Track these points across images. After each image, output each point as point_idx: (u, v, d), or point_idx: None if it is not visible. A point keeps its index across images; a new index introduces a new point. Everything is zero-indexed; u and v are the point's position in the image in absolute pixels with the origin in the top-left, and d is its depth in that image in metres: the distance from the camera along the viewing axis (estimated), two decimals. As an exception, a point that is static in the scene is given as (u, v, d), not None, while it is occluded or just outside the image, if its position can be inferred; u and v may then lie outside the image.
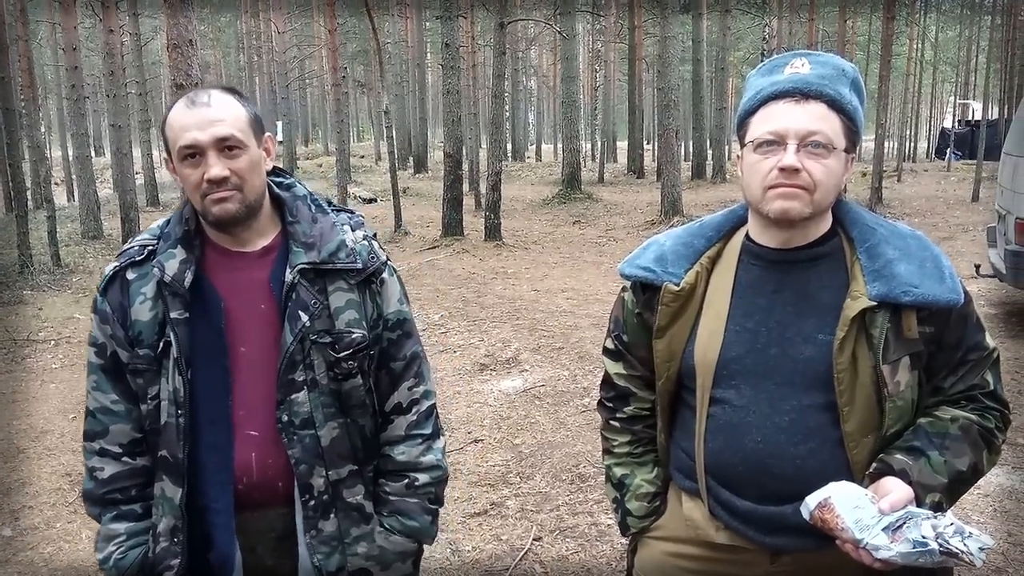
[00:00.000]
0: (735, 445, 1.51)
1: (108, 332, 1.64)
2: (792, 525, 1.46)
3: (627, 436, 1.75)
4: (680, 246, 1.62)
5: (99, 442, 1.68)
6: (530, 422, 5.14)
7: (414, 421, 1.77)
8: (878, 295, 1.42)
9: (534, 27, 34.04)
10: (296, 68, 34.80)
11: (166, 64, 8.92)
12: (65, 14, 13.50)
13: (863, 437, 1.46)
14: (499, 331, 7.41)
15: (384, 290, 1.72)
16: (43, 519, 4.06)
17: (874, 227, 1.52)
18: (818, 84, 1.45)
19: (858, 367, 1.43)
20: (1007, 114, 25.39)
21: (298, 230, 1.66)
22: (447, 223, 13.58)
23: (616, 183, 22.65)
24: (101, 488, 1.68)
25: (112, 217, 15.06)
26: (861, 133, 1.50)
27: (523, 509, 3.94)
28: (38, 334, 7.80)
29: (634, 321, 1.68)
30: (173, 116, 1.59)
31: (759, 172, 1.46)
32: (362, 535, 1.70)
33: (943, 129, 33.40)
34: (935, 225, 13.57)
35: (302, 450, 1.62)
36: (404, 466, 1.75)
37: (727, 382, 1.52)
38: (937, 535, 1.30)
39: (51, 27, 20.37)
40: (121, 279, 1.65)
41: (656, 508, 1.71)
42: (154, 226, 1.72)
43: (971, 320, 1.51)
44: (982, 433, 1.49)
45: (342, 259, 1.65)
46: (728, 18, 22.69)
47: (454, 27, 14.34)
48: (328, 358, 1.63)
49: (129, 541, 1.68)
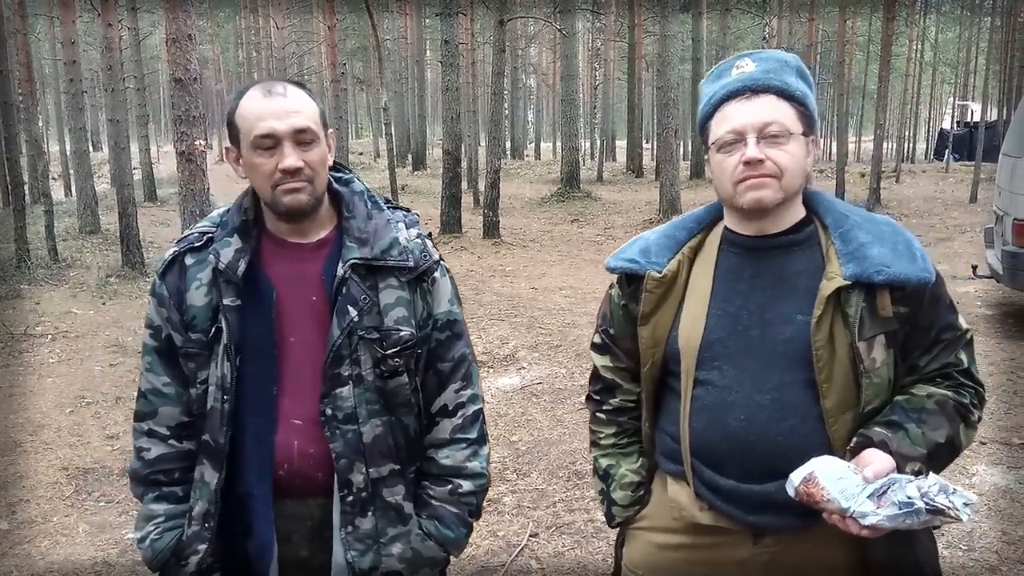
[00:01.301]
0: (718, 424, 1.56)
1: (164, 315, 1.66)
2: (775, 503, 1.50)
3: (613, 428, 1.80)
4: (663, 238, 1.70)
5: (148, 423, 1.69)
6: (527, 419, 5.15)
7: (459, 425, 1.75)
8: (852, 275, 1.48)
9: (534, 25, 34.02)
10: (295, 64, 34.74)
11: (164, 59, 8.91)
12: (64, 8, 13.47)
13: (842, 414, 1.51)
14: (497, 328, 7.42)
15: (435, 289, 1.73)
16: (40, 513, 4.05)
17: (847, 214, 1.59)
18: (764, 78, 1.54)
19: (835, 345, 1.49)
20: (1006, 115, 25.42)
21: (353, 225, 1.67)
22: (445, 220, 13.58)
23: (615, 182, 22.65)
24: (146, 468, 1.69)
25: (110, 212, 15.03)
26: (815, 115, 1.59)
27: (520, 505, 3.95)
28: (35, 328, 7.79)
29: (620, 314, 1.74)
30: (247, 105, 1.59)
31: (726, 170, 1.54)
32: (398, 535, 1.68)
33: (942, 130, 33.45)
34: (933, 226, 13.59)
35: (344, 444, 1.62)
36: (449, 471, 1.74)
37: (710, 364, 1.58)
38: (922, 495, 1.33)
39: (49, 21, 20.34)
40: (180, 264, 1.67)
41: (640, 497, 1.76)
42: (214, 213, 1.74)
43: (943, 301, 1.57)
44: (958, 408, 1.53)
45: (394, 256, 1.65)
46: (728, 17, 22.67)
47: (453, 24, 14.33)
48: (375, 354, 1.63)
49: (167, 523, 1.68)
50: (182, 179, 6.85)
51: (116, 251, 11.45)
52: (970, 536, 3.52)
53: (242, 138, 1.59)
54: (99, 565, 3.54)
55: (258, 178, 1.59)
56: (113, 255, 11.51)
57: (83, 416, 5.37)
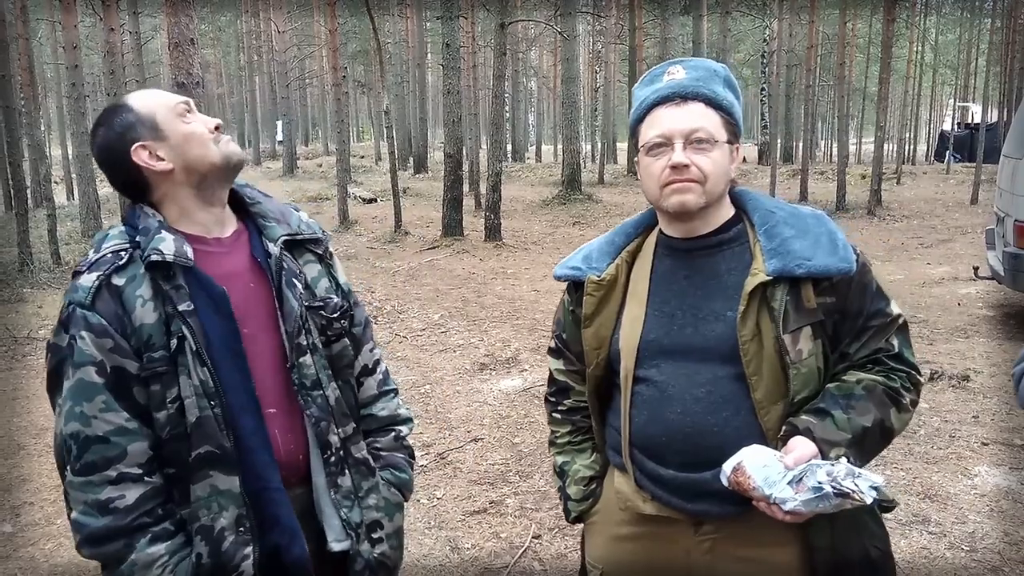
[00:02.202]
0: (658, 417, 1.62)
1: (109, 346, 1.52)
2: (712, 491, 1.56)
3: (568, 426, 1.90)
4: (604, 244, 1.78)
5: (115, 468, 1.53)
6: (529, 421, 5.16)
7: (381, 379, 1.91)
8: (774, 270, 1.54)
9: (535, 28, 34.07)
10: (296, 68, 34.82)
11: (166, 63, 8.93)
12: (65, 12, 13.50)
13: (772, 404, 1.56)
14: (499, 331, 7.43)
15: (334, 263, 1.85)
16: (44, 515, 4.07)
17: (773, 210, 1.65)
18: (694, 86, 1.60)
19: (762, 338, 1.55)
20: (1006, 117, 25.42)
21: (263, 209, 1.75)
22: (447, 223, 13.59)
23: (616, 184, 22.65)
24: (126, 517, 1.53)
25: (112, 216, 15.08)
26: (740, 124, 1.65)
27: (522, 507, 3.95)
28: (38, 332, 7.80)
29: (569, 319, 1.82)
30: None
31: (653, 173, 1.60)
32: (371, 487, 1.78)
33: (942, 131, 33.40)
34: (934, 227, 13.60)
35: (317, 408, 1.69)
36: (389, 420, 1.89)
37: (649, 362, 1.65)
38: (831, 479, 1.39)
39: (51, 25, 20.38)
40: (109, 287, 1.54)
41: (593, 491, 1.83)
42: (113, 234, 1.64)
43: (870, 289, 1.61)
44: (887, 392, 1.58)
45: (306, 232, 1.77)
46: (728, 20, 22.67)
47: (455, 27, 14.35)
48: (319, 322, 1.72)
49: (172, 559, 1.57)
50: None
51: (118, 255, 11.45)
52: (972, 537, 3.53)
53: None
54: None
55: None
56: (115, 259, 11.52)
57: (86, 419, 5.37)
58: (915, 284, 9.04)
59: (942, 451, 4.41)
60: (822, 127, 40.82)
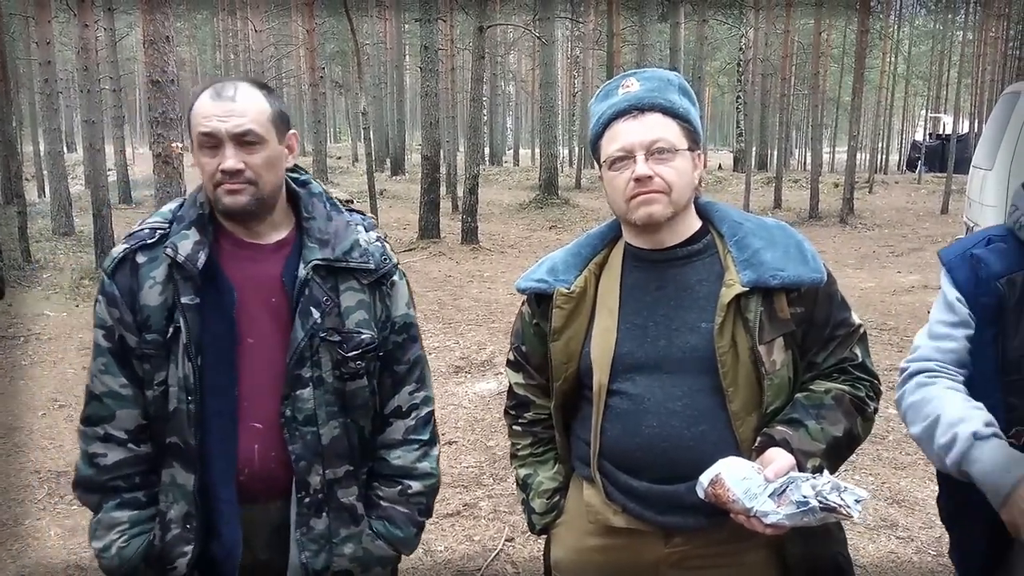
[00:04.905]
0: (632, 431, 1.61)
1: (116, 315, 1.61)
2: (685, 504, 1.56)
3: (529, 439, 1.86)
4: (569, 256, 1.75)
5: (104, 427, 1.63)
6: (503, 424, 5.14)
7: (412, 426, 1.79)
8: (749, 281, 1.55)
9: (513, 32, 34.11)
10: (273, 67, 34.57)
11: (141, 60, 8.85)
12: (39, 8, 13.31)
13: (748, 415, 1.57)
14: (474, 334, 7.43)
15: (394, 292, 1.75)
16: (11, 516, 4.01)
17: (741, 222, 1.66)
18: (649, 97, 1.59)
19: (738, 350, 1.56)
20: (977, 128, 25.84)
21: (313, 226, 1.68)
22: (424, 226, 13.57)
23: (593, 189, 22.72)
24: (103, 475, 1.63)
25: (84, 214, 14.86)
26: (699, 131, 1.66)
27: (496, 510, 3.96)
28: (7, 330, 7.68)
29: (531, 332, 1.79)
30: (198, 105, 1.60)
31: (618, 187, 1.59)
32: (350, 536, 1.70)
33: (914, 142, 33.89)
34: (905, 236, 13.78)
35: (303, 447, 1.63)
36: (399, 471, 1.77)
37: (623, 375, 1.63)
38: (816, 493, 1.38)
39: (24, 21, 20.08)
40: (131, 262, 1.62)
41: (556, 504, 1.80)
42: (166, 209, 1.70)
43: (836, 298, 1.64)
44: (854, 402, 1.60)
45: (355, 258, 1.67)
46: (705, 28, 22.87)
47: (433, 30, 14.35)
48: (335, 357, 1.64)
49: (133, 529, 1.64)
50: (158, 181, 6.81)
51: (90, 253, 11.32)
52: (939, 542, 3.57)
53: (192, 136, 1.62)
54: (71, 568, 3.50)
55: (204, 176, 1.61)
56: (87, 257, 11.38)
57: (56, 419, 5.31)
58: (886, 292, 9.16)
59: (910, 457, 4.47)
60: (796, 136, 41.18)
